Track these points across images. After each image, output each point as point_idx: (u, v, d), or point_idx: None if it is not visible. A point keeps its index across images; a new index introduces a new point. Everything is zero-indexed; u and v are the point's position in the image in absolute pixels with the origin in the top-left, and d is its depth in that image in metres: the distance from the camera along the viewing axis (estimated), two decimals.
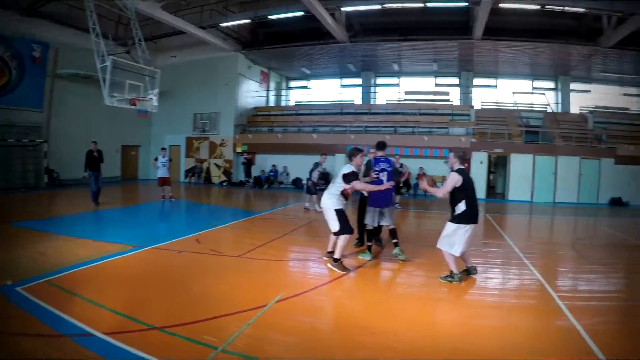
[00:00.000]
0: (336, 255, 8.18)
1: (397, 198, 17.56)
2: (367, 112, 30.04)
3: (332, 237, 8.53)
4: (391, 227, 9.33)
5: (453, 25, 24.86)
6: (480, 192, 23.77)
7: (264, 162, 29.47)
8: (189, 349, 4.75)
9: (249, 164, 28.97)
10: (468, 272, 7.89)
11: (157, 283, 7.47)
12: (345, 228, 8.10)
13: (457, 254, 7.51)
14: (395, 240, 9.34)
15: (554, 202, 24.11)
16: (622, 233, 14.66)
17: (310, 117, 30.95)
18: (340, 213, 8.18)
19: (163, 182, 18.57)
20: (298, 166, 26.30)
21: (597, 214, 20.60)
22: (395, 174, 11.10)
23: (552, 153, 24.42)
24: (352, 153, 8.52)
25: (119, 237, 10.90)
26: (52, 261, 8.35)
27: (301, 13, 22.20)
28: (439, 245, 7.63)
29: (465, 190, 7.38)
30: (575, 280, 8.47)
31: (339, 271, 8.05)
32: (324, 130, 28.80)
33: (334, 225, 8.14)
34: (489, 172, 27.68)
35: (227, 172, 30.15)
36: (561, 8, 20.65)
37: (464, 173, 7.43)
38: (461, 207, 7.36)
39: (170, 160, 19.28)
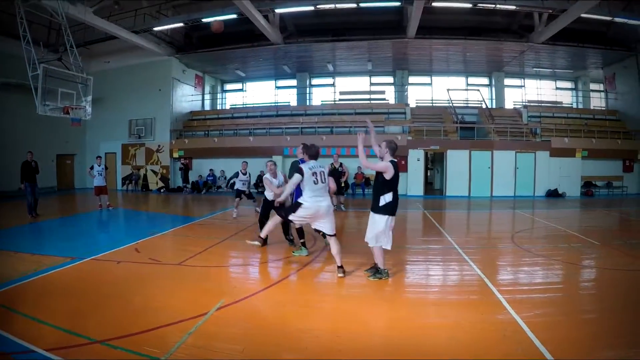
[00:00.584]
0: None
1: (342, 199, 17.85)
2: (303, 114, 30.21)
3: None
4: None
5: (387, 25, 25.27)
6: (418, 188, 24.55)
7: (201, 167, 29.17)
8: None
9: (186, 169, 28.67)
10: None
11: (97, 295, 7.30)
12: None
13: (389, 247, 7.62)
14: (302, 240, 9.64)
15: (492, 196, 24.65)
16: (558, 224, 15.06)
17: (246, 120, 30.94)
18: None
19: (100, 191, 18.25)
20: (235, 170, 26.33)
21: (533, 206, 21.19)
22: (335, 173, 11.25)
23: (488, 148, 25.01)
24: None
25: (58, 249, 10.70)
26: None
27: (234, 16, 22.05)
28: (374, 243, 7.66)
29: (393, 182, 7.45)
30: (514, 273, 8.67)
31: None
32: (261, 133, 28.80)
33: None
34: (427, 168, 28.16)
35: (164, 179, 29.81)
36: (492, 6, 21.29)
37: (395, 165, 7.47)
38: (387, 198, 7.41)
39: (106, 168, 18.92)
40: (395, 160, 7.61)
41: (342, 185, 18.14)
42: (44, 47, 20.63)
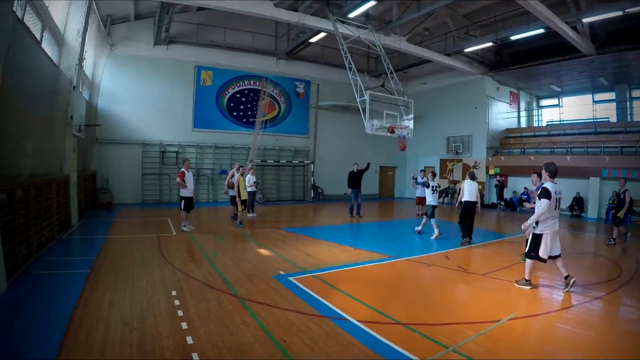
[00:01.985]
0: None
1: (615, 232, 14.89)
2: (622, 131, 26.92)
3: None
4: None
5: None
6: None
7: (517, 184, 28.67)
8: (424, 344, 5.70)
9: (501, 186, 28.70)
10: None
11: (406, 288, 8.75)
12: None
13: None
14: None
15: None
16: None
17: (562, 138, 29.38)
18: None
19: (420, 201, 19.23)
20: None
21: None
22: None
23: None
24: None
25: (377, 247, 12.64)
26: (316, 260, 10.44)
27: (541, 30, 21.72)
28: None
29: None
30: None
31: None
32: (578, 152, 26.90)
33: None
34: None
35: (480, 194, 30.05)
36: None
37: None
38: None
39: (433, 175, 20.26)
40: None
41: (617, 216, 14.95)
42: (367, 73, 23.14)
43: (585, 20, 21.23)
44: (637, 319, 7.18)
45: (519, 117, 33.89)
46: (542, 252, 8.34)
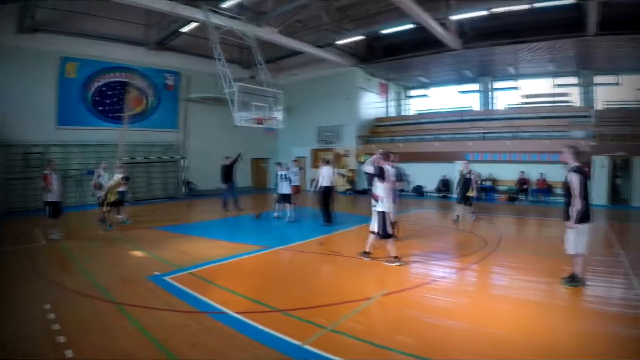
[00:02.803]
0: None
1: (470, 208, 16.44)
2: (485, 118, 29.68)
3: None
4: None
5: (565, 22, 23.45)
6: (602, 197, 22.61)
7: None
8: (303, 327, 5.94)
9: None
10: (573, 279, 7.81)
11: (282, 276, 9.04)
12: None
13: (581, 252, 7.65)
14: None
15: None
16: None
17: (430, 126, 31.13)
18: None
19: (296, 190, 19.53)
20: (420, 174, 26.67)
21: None
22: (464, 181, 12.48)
23: None
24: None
25: (252, 239, 12.80)
26: (191, 257, 10.25)
27: (411, 25, 22.63)
28: (574, 251, 7.69)
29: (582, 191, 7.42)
30: None
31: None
32: (445, 138, 28.74)
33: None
34: (614, 176, 25.58)
35: (351, 181, 30.96)
36: None
37: (581, 172, 7.47)
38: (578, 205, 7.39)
39: (300, 169, 20.52)
40: (580, 165, 7.64)
41: (469, 194, 15.91)
42: (236, 64, 22.94)
43: (453, 17, 22.35)
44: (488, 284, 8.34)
45: (387, 106, 35.46)
46: (389, 229, 9.32)
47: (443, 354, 5.22)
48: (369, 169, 9.67)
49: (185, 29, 23.83)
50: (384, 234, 9.42)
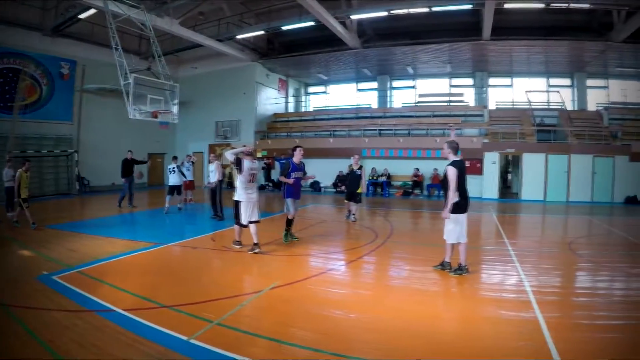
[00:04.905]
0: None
1: (354, 208, 15.75)
2: (382, 116, 30.53)
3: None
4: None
5: (463, 27, 24.81)
6: (493, 191, 24.36)
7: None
8: (190, 321, 5.83)
9: (268, 168, 30.02)
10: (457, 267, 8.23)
11: (172, 272, 8.77)
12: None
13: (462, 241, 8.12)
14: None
15: (568, 201, 23.70)
16: (627, 231, 14.43)
17: (327, 122, 31.59)
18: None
19: (187, 186, 19.35)
20: (315, 170, 26.80)
21: (605, 212, 20.18)
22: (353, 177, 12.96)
23: (565, 151, 24.03)
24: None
25: (144, 236, 12.52)
26: (81, 256, 9.75)
27: (312, 23, 22.83)
28: (452, 240, 8.16)
29: (458, 183, 7.82)
30: (554, 277, 8.67)
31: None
32: (341, 135, 29.35)
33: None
34: (506, 172, 27.43)
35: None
36: (566, 5, 20.33)
37: (459, 165, 7.89)
38: (455, 197, 7.82)
39: (192, 163, 20.27)
40: (460, 159, 8.04)
41: (359, 191, 15.71)
42: (135, 55, 22.23)
43: (353, 17, 22.71)
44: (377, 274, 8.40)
45: (286, 102, 35.71)
46: (243, 219, 9.89)
47: (327, 344, 5.21)
48: (230, 157, 9.80)
49: (83, 15, 22.56)
50: (236, 221, 10.11)
